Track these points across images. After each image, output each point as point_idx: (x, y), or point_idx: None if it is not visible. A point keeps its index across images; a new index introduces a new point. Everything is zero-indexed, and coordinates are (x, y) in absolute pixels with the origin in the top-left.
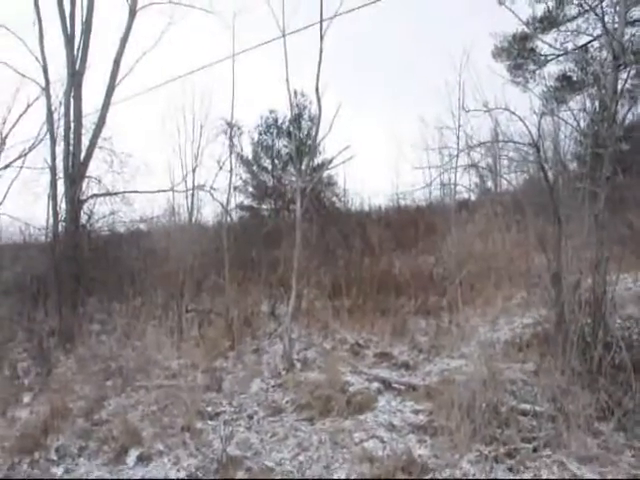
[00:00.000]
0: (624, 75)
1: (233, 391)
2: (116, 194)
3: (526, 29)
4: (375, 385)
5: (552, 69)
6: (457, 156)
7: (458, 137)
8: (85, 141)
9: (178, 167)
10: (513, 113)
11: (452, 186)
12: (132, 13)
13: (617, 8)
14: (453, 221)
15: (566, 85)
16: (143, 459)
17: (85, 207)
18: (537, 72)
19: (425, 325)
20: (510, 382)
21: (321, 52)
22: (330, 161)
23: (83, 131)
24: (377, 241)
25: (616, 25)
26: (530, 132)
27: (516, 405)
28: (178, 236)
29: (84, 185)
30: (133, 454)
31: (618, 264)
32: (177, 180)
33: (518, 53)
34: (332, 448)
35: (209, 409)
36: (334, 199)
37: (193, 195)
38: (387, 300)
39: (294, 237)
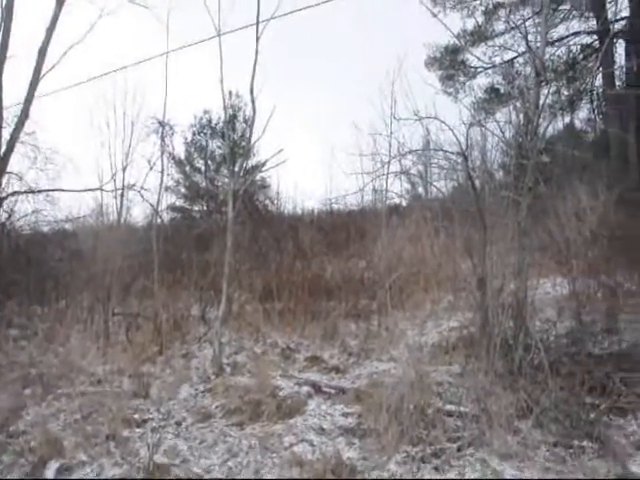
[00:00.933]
0: (545, 91)
1: (161, 397)
2: (39, 192)
3: (457, 42)
4: (305, 389)
5: (481, 81)
6: (389, 163)
7: (390, 144)
8: (6, 135)
9: (107, 166)
10: (443, 122)
11: (383, 192)
12: (59, 1)
13: (539, 28)
14: (384, 226)
15: (494, 97)
16: (64, 470)
17: (5, 205)
18: (467, 83)
19: (355, 329)
20: (437, 384)
21: (257, 53)
22: (263, 164)
23: (4, 124)
24: (309, 245)
25: (538, 44)
26: (459, 141)
27: (442, 406)
28: (106, 237)
29: (4, 181)
30: (53, 466)
31: (539, 270)
32: (106, 179)
33: (449, 64)
34: (262, 453)
35: (136, 416)
36: (267, 202)
37: (122, 195)
38: (318, 303)
39: (226, 240)
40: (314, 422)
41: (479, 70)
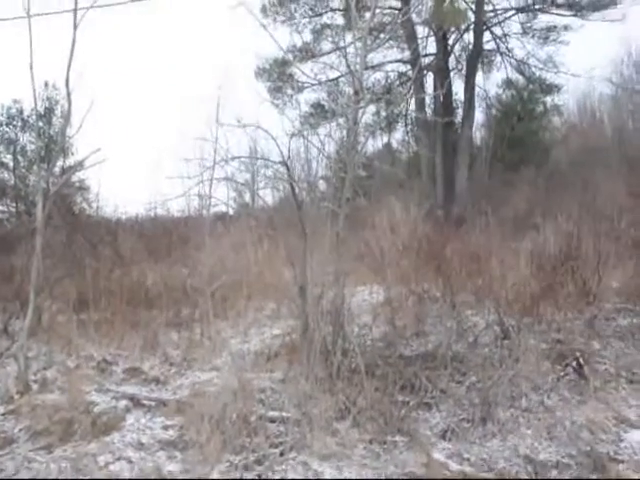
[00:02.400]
0: (364, 110)
1: None
2: None
3: (286, 56)
4: (123, 403)
5: (308, 96)
6: (213, 169)
7: (215, 150)
8: None
9: None
10: (266, 131)
11: (208, 198)
12: None
13: (359, 51)
14: (209, 233)
15: (319, 112)
16: None
17: None
18: (294, 97)
19: (177, 338)
20: (260, 391)
21: (74, 43)
22: (80, 163)
23: None
24: (129, 251)
25: (357, 66)
26: (281, 151)
27: (265, 413)
28: None
29: None
30: None
31: (357, 278)
32: None
33: (278, 77)
34: (73, 476)
35: None
36: (84, 205)
37: None
38: (138, 313)
39: (34, 244)
40: (132, 437)
41: (306, 85)
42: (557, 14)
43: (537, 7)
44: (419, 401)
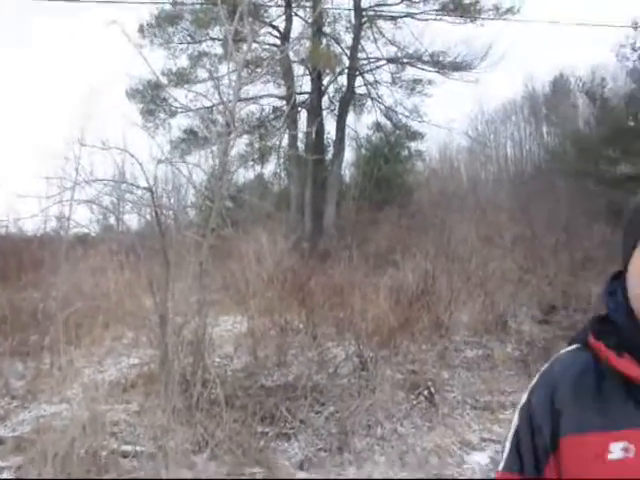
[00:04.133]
0: (236, 141)
1: None
2: None
3: (160, 79)
4: None
5: (181, 122)
6: (73, 189)
7: (77, 170)
8: None
9: None
10: (132, 156)
11: (67, 220)
12: None
13: (233, 84)
14: (65, 256)
15: (192, 139)
16: None
17: None
18: (167, 121)
19: (23, 368)
20: (113, 424)
21: None
22: None
23: None
24: None
25: (230, 97)
26: (146, 176)
27: (117, 447)
28: None
29: None
30: None
31: (220, 308)
32: None
33: (151, 99)
34: None
35: None
36: None
37: None
38: None
39: None
40: None
41: (180, 111)
42: (422, 69)
43: (405, 60)
44: (278, 432)
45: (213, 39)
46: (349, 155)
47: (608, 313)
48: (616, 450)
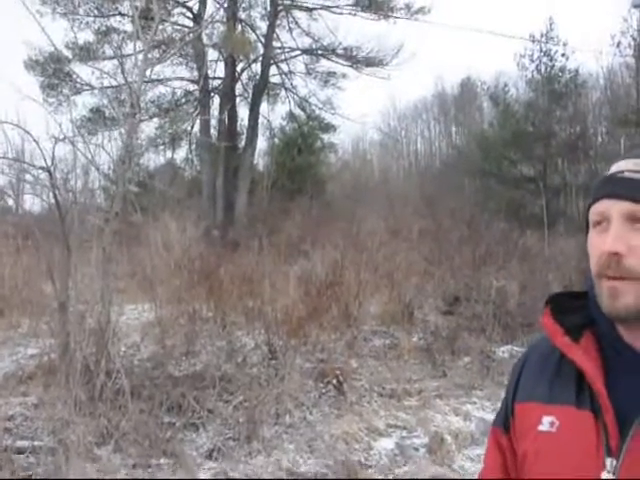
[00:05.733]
0: (144, 124)
1: None
2: None
3: (64, 52)
4: None
5: (88, 100)
6: None
7: None
8: None
9: None
10: (26, 132)
11: None
12: None
13: (139, 64)
14: None
15: (99, 118)
16: None
17: None
18: (72, 98)
19: None
20: (7, 419)
21: None
22: None
23: None
24: None
25: (136, 77)
26: (44, 156)
27: (12, 444)
28: None
29: None
30: None
31: (127, 296)
32: None
33: (53, 73)
34: None
35: None
36: None
37: None
38: None
39: None
40: None
41: (86, 87)
42: (336, 62)
43: (320, 52)
44: (186, 422)
45: (122, 15)
46: (262, 144)
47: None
48: (545, 423)
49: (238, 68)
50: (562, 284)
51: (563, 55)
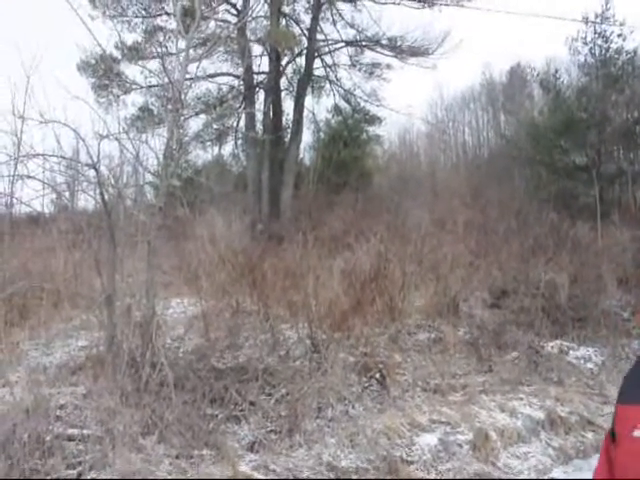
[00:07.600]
0: (191, 120)
1: None
2: None
3: (114, 52)
4: None
5: (137, 99)
6: (16, 165)
7: (18, 145)
8: None
9: None
10: (74, 130)
11: (10, 197)
12: None
13: (181, 60)
14: (10, 234)
15: (147, 116)
16: None
17: None
18: (122, 97)
19: None
20: (59, 407)
21: None
22: None
23: None
24: None
25: (178, 75)
26: (90, 154)
27: (63, 431)
28: None
29: None
30: None
31: (172, 289)
32: None
33: (104, 73)
34: None
35: None
36: None
37: None
38: None
39: None
40: None
41: (135, 87)
42: (381, 53)
43: (364, 44)
44: (228, 414)
45: (168, 14)
46: (307, 138)
47: None
48: None
49: (282, 62)
50: (617, 277)
51: (619, 36)
